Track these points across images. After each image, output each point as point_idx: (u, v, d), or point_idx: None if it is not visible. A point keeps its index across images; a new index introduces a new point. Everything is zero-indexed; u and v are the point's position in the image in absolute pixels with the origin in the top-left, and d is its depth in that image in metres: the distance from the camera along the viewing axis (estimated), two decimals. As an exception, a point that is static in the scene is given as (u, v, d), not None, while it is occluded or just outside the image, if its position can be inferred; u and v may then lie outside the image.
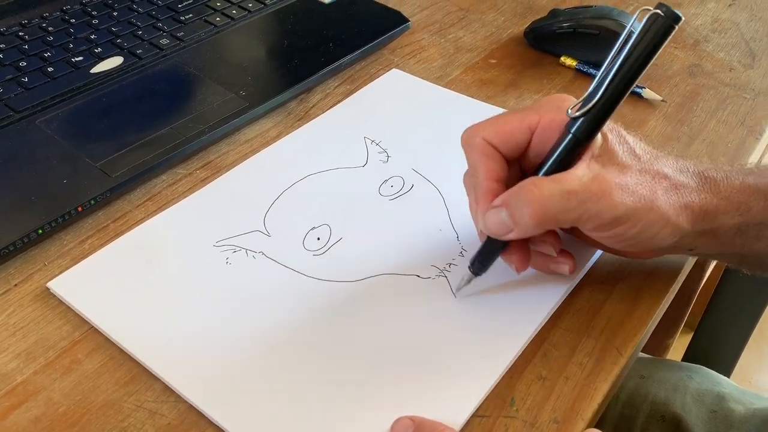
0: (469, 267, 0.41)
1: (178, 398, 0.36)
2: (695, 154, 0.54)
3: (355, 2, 0.66)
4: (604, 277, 0.43)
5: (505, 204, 0.36)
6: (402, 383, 0.37)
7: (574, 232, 0.41)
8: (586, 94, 0.36)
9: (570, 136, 0.36)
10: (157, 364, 0.37)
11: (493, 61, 0.63)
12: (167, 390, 0.36)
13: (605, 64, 0.35)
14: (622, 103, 0.35)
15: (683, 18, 0.33)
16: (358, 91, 0.58)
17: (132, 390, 0.36)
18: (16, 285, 0.42)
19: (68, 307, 0.40)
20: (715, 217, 0.37)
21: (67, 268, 0.42)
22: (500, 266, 0.43)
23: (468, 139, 0.39)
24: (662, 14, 0.33)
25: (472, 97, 0.58)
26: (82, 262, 0.42)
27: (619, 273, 0.44)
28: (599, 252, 0.44)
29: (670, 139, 0.55)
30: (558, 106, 0.37)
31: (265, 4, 0.65)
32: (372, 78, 0.60)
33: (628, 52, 0.34)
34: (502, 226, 0.37)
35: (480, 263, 0.40)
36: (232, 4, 0.64)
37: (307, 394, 0.36)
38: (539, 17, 0.66)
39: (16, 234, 0.42)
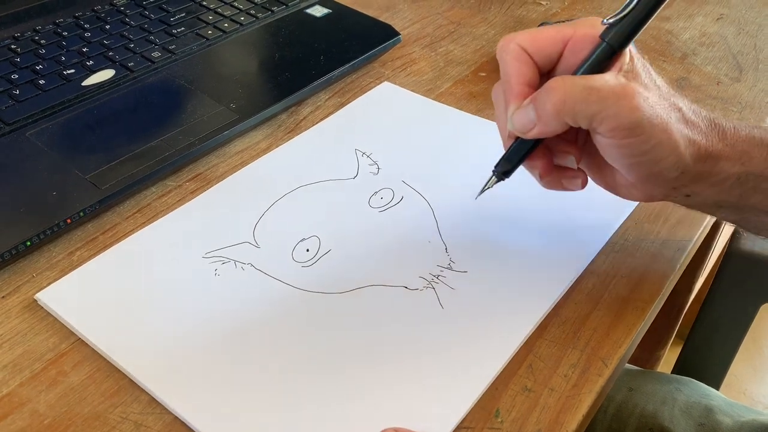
0: (493, 170, 0.43)
1: (164, 410, 0.36)
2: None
3: (346, 15, 0.67)
4: (590, 288, 0.44)
5: (533, 100, 0.38)
6: (388, 394, 0.37)
7: (587, 148, 0.42)
8: (621, 8, 0.37)
9: (604, 44, 0.38)
10: (143, 375, 0.37)
11: (483, 74, 0.63)
12: (153, 402, 0.37)
13: None
14: (656, 13, 0.37)
15: None
16: (348, 104, 0.58)
17: (118, 402, 0.36)
18: (3, 297, 0.42)
19: (56, 319, 0.40)
20: (717, 161, 0.38)
21: (56, 280, 0.42)
22: (488, 278, 0.43)
23: (503, 45, 0.40)
24: None
25: (462, 110, 0.58)
26: (70, 273, 0.43)
27: (605, 285, 0.44)
28: (586, 263, 0.45)
29: (658, 151, 0.55)
30: (592, 24, 0.39)
31: (256, 18, 0.65)
32: (363, 91, 0.60)
33: None
34: (528, 121, 0.38)
35: (504, 166, 0.42)
36: (224, 17, 0.65)
37: (293, 406, 0.37)
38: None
39: (5, 246, 0.42)
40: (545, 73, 0.41)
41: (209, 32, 0.62)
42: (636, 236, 0.47)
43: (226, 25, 0.64)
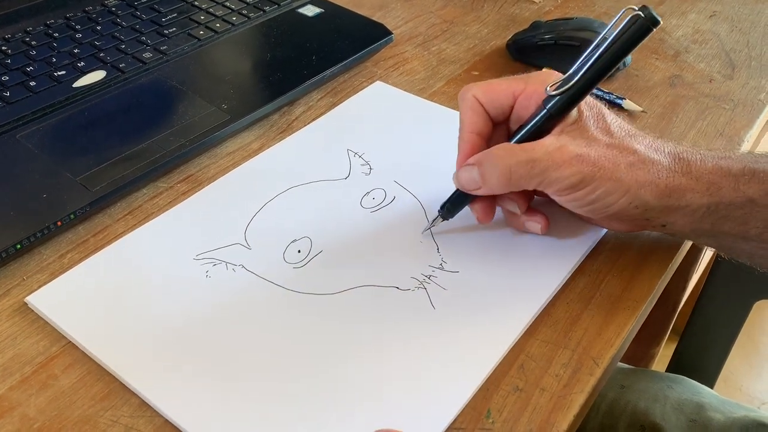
0: (439, 210, 0.46)
1: (154, 413, 0.36)
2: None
3: (338, 15, 0.67)
4: (581, 288, 0.44)
5: (478, 163, 0.41)
6: (378, 395, 0.37)
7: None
8: (566, 75, 0.40)
9: (545, 111, 0.41)
10: (134, 378, 0.37)
11: (476, 73, 0.63)
12: (144, 405, 0.36)
13: (586, 53, 0.39)
14: (593, 89, 0.40)
15: (661, 22, 0.38)
16: (341, 104, 0.58)
17: (108, 405, 0.36)
18: (-6, 300, 0.42)
19: (46, 322, 0.40)
20: (683, 195, 0.39)
21: (46, 283, 0.42)
22: (479, 278, 0.43)
23: (462, 94, 0.43)
24: (642, 16, 0.37)
25: (455, 109, 0.58)
26: (60, 276, 0.42)
27: (596, 284, 0.44)
28: (576, 263, 0.45)
29: (650, 149, 0.55)
30: (543, 80, 0.41)
31: (248, 18, 0.65)
32: (355, 90, 0.60)
33: (607, 45, 0.39)
34: (472, 182, 0.42)
35: (449, 209, 0.46)
36: (216, 17, 0.65)
37: (284, 407, 0.36)
38: (522, 29, 0.66)
39: (-5, 249, 0.42)
40: (500, 122, 0.44)
41: (201, 32, 0.62)
42: (628, 235, 0.47)
43: (217, 25, 0.64)
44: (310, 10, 0.67)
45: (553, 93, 0.40)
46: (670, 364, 0.77)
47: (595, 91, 0.41)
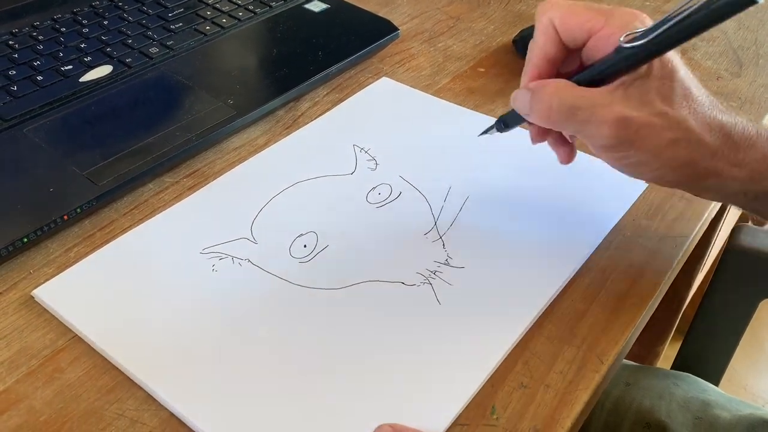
0: (496, 121, 0.47)
1: (160, 406, 0.36)
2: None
3: (344, 11, 0.67)
4: (587, 285, 0.44)
5: (532, 90, 0.40)
6: (384, 390, 0.37)
7: None
8: (646, 28, 0.37)
9: (612, 61, 0.38)
10: (140, 371, 0.37)
11: (482, 69, 0.63)
12: (149, 398, 0.37)
13: (677, 8, 0.35)
14: (671, 51, 0.37)
15: (759, 2, 0.33)
16: (347, 100, 0.58)
17: (114, 398, 0.37)
18: (0, 293, 0.42)
19: (52, 316, 0.40)
20: (720, 180, 0.38)
21: (53, 277, 0.42)
22: (485, 274, 0.43)
23: (540, 11, 0.41)
24: None
25: (461, 105, 0.58)
26: (67, 270, 0.43)
27: (602, 281, 0.44)
28: (583, 259, 0.45)
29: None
30: (625, 23, 0.38)
31: (254, 13, 0.65)
32: (361, 86, 0.60)
33: (696, 9, 0.35)
34: (523, 107, 0.41)
35: (506, 123, 0.46)
36: (222, 13, 0.65)
37: (289, 401, 0.37)
38: (528, 25, 0.66)
39: (1, 242, 0.42)
40: (574, 50, 0.41)
41: (207, 28, 0.62)
42: (634, 232, 0.47)
43: (224, 20, 0.64)
44: (316, 6, 0.67)
45: (627, 46, 0.37)
46: (675, 362, 0.77)
47: None
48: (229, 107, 0.54)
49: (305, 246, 0.45)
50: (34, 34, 0.59)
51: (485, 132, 0.48)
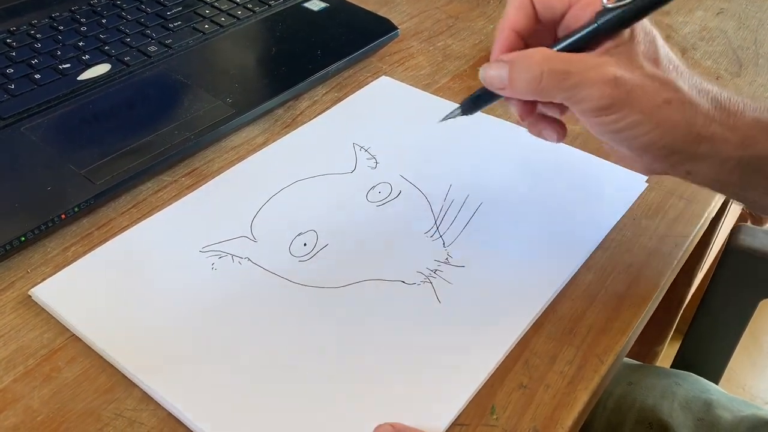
0: (460, 104, 0.43)
1: (158, 406, 0.36)
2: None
3: (343, 10, 0.67)
4: (586, 285, 0.43)
5: (510, 62, 0.38)
6: (383, 390, 0.37)
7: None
8: None
9: (595, 25, 0.37)
10: (138, 370, 0.37)
11: (482, 68, 0.63)
12: (147, 398, 0.36)
13: None
14: (653, 11, 0.36)
15: None
16: (346, 98, 0.58)
17: (111, 398, 0.36)
18: (-2, 292, 0.42)
19: (50, 315, 0.40)
20: (715, 145, 0.37)
21: (50, 276, 0.42)
22: (485, 273, 0.43)
23: None
24: None
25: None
26: (65, 269, 0.42)
27: (601, 281, 0.44)
28: (583, 259, 0.45)
29: (657, 146, 0.55)
30: None
31: (253, 12, 0.65)
32: (360, 85, 0.60)
33: None
34: (499, 80, 0.38)
35: (471, 105, 0.43)
36: (221, 11, 0.64)
37: (288, 400, 0.36)
38: (528, 25, 0.66)
39: (-1, 241, 0.42)
40: (547, 24, 0.40)
41: (206, 26, 0.62)
42: (633, 232, 0.47)
43: (223, 19, 0.63)
44: (315, 5, 0.67)
45: (610, 6, 0.36)
46: (675, 361, 0.77)
47: None
48: (227, 106, 0.54)
49: (305, 244, 0.45)
50: (32, 32, 0.59)
51: (448, 117, 0.44)
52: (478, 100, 0.42)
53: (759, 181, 0.38)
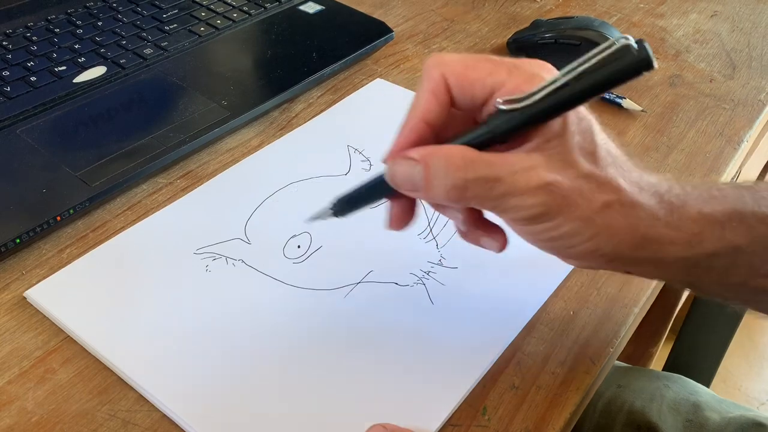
0: (332, 203, 0.38)
1: (152, 407, 0.36)
2: (674, 164, 0.54)
3: (339, 12, 0.67)
4: (579, 287, 0.44)
5: (424, 162, 0.32)
6: (376, 390, 0.37)
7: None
8: (527, 93, 0.31)
9: (485, 128, 0.32)
10: (133, 372, 0.37)
11: (476, 71, 0.63)
12: (141, 399, 0.37)
13: (562, 72, 0.31)
14: (551, 119, 0.32)
15: (655, 68, 0.29)
16: (341, 101, 0.58)
17: (106, 399, 0.37)
18: (-7, 294, 0.42)
19: (45, 317, 0.40)
20: (660, 248, 0.33)
21: (45, 278, 0.42)
22: (478, 275, 0.43)
23: (429, 67, 0.34)
24: (635, 53, 0.29)
25: (454, 107, 0.58)
26: (60, 271, 0.43)
27: (594, 283, 0.44)
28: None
29: (649, 149, 0.56)
30: (533, 75, 0.32)
31: (249, 15, 0.65)
32: (355, 88, 0.60)
33: (583, 71, 0.30)
34: (409, 182, 0.33)
35: (347, 205, 0.37)
36: (217, 14, 0.65)
37: (281, 401, 0.37)
38: (522, 28, 0.66)
39: (-6, 243, 0.42)
40: (464, 110, 0.35)
41: (202, 29, 0.62)
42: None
43: (218, 21, 0.64)
44: (310, 8, 0.67)
45: (503, 108, 0.31)
46: (667, 363, 0.77)
47: None
48: (223, 108, 0.54)
49: (299, 246, 0.45)
50: (28, 34, 0.59)
51: (316, 218, 0.39)
52: (358, 200, 0.37)
53: (706, 276, 0.35)
